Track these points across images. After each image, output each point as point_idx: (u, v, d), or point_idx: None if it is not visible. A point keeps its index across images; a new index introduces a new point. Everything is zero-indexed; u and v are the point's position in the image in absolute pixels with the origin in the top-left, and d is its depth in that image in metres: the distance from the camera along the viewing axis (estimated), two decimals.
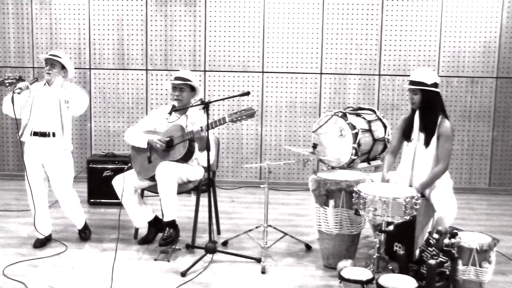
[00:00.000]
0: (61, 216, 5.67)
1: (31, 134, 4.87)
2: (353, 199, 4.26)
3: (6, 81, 5.32)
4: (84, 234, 5.25)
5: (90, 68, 7.12)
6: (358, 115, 5.33)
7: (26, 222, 5.67)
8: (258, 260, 4.65)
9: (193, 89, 5.07)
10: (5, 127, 7.33)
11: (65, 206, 5.11)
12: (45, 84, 4.94)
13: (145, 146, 4.93)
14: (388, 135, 5.34)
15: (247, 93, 4.70)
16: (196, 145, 4.85)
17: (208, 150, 4.54)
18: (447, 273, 3.98)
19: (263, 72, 7.03)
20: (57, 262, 4.70)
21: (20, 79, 5.27)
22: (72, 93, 4.91)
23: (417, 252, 4.33)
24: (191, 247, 4.93)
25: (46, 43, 7.14)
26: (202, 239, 5.02)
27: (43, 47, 7.13)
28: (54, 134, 4.88)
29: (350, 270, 3.92)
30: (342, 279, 3.81)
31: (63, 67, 4.97)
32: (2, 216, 5.87)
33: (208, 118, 4.55)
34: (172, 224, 4.80)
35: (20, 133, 4.90)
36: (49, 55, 4.97)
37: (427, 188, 4.46)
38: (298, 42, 6.96)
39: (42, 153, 4.92)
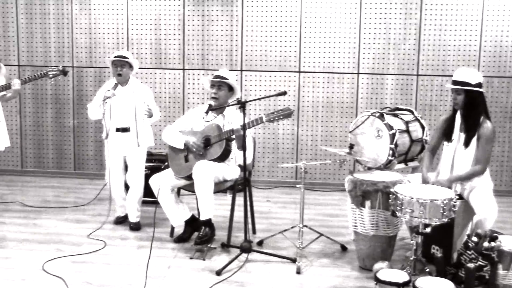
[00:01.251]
0: (97, 213, 5.78)
1: (115, 131, 5.43)
2: (389, 200, 4.23)
3: (50, 73, 5.52)
4: (134, 225, 5.51)
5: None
6: (396, 115, 5.29)
7: (66, 219, 5.79)
8: (293, 260, 4.66)
9: (231, 89, 5.10)
10: (41, 125, 7.49)
11: (131, 196, 5.53)
12: (116, 86, 5.39)
13: (181, 147, 4.99)
14: (426, 136, 5.29)
15: (284, 93, 4.71)
16: (234, 144, 4.88)
17: (245, 149, 4.56)
18: (487, 277, 3.92)
19: (299, 71, 7.03)
20: (95, 259, 4.79)
21: (64, 71, 5.49)
22: (148, 95, 5.54)
23: (455, 255, 4.27)
24: (226, 246, 4.96)
25: (85, 43, 7.27)
26: (238, 238, 5.05)
27: (82, 47, 7.26)
28: (131, 129, 5.42)
29: (386, 272, 3.90)
30: (378, 281, 3.78)
31: (130, 65, 5.45)
32: (42, 212, 6.01)
33: (244, 118, 4.57)
34: (208, 223, 4.84)
35: (105, 134, 5.44)
36: (116, 57, 5.38)
37: (455, 182, 4.39)
38: (335, 42, 6.93)
39: (124, 147, 5.46)
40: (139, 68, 7.12)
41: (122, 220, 5.66)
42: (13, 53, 7.36)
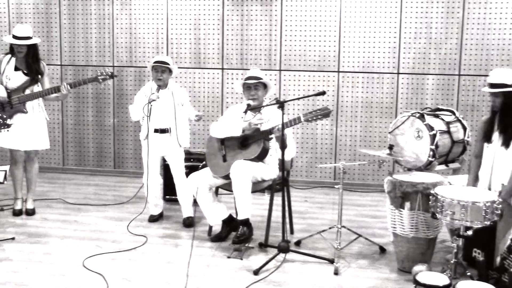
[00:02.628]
0: (136, 211, 5.85)
1: (154, 132, 5.54)
2: (430, 202, 4.17)
3: (99, 77, 5.64)
4: (188, 221, 5.60)
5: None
6: (436, 116, 5.21)
7: (105, 216, 5.88)
8: (331, 261, 4.64)
9: (265, 86, 5.12)
10: (82, 124, 7.62)
11: (182, 193, 5.63)
12: (159, 89, 5.52)
13: (239, 133, 4.99)
14: (468, 137, 5.20)
15: (323, 93, 4.69)
16: (273, 143, 4.89)
17: (284, 149, 4.56)
18: None
19: (338, 71, 6.99)
20: (134, 256, 4.85)
21: (113, 75, 5.62)
22: (186, 97, 5.68)
23: (498, 259, 4.19)
24: (264, 246, 4.96)
25: (125, 43, 7.37)
26: (275, 238, 5.05)
27: (123, 47, 7.36)
28: (171, 130, 5.53)
29: (426, 274, 3.84)
30: (417, 283, 3.73)
31: (169, 70, 5.56)
32: (83, 210, 6.12)
33: (283, 117, 4.57)
34: (246, 222, 4.86)
35: (144, 135, 5.58)
36: (156, 62, 5.50)
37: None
38: (375, 41, 6.86)
39: (163, 147, 5.57)
40: (179, 67, 7.20)
41: (156, 219, 5.74)
42: (56, 53, 7.51)
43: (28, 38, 5.60)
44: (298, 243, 5.08)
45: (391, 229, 4.58)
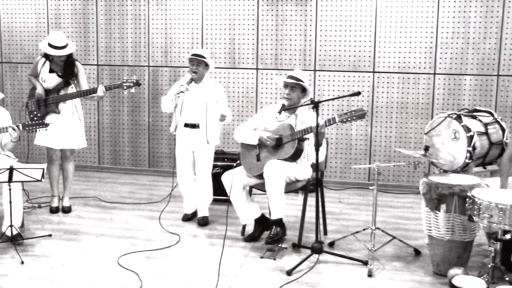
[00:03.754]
0: (171, 210, 5.90)
1: (184, 126, 5.55)
2: (466, 205, 4.11)
3: (124, 84, 5.72)
4: (202, 220, 5.64)
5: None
6: (474, 117, 5.13)
7: (139, 215, 5.94)
8: (365, 263, 4.60)
9: (304, 89, 5.09)
10: (118, 123, 7.72)
11: (200, 191, 5.66)
12: (191, 81, 5.50)
13: (255, 143, 5.03)
14: (507, 139, 5.10)
15: (358, 93, 4.66)
16: (306, 144, 4.87)
17: (318, 149, 4.54)
18: None
19: (374, 72, 6.93)
20: (167, 255, 4.89)
21: (137, 83, 5.69)
22: (221, 95, 5.59)
23: None
24: (297, 246, 4.95)
25: (161, 43, 7.43)
26: (309, 239, 5.04)
27: (158, 47, 7.43)
28: (200, 126, 5.51)
29: (462, 278, 3.79)
30: (453, 287, 3.68)
31: (206, 64, 5.54)
32: (118, 208, 6.19)
33: (317, 118, 4.55)
34: (279, 222, 4.85)
35: (173, 127, 5.59)
36: (193, 55, 5.49)
37: None
38: (411, 41, 6.79)
39: (193, 142, 5.56)
40: (214, 67, 7.25)
41: (190, 218, 5.76)
42: (93, 52, 7.62)
43: (64, 47, 5.67)
44: (331, 244, 5.06)
45: (426, 231, 4.52)
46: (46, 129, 5.24)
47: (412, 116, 6.90)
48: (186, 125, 5.54)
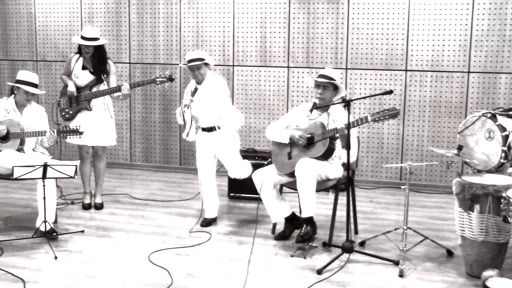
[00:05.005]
0: (201, 208, 5.92)
1: (202, 130, 5.51)
2: (501, 205, 4.04)
3: (157, 79, 5.77)
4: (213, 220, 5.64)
5: (233, 65, 7.36)
6: (510, 116, 5.04)
7: (170, 212, 5.99)
8: (396, 263, 4.56)
9: (335, 88, 5.07)
10: (149, 121, 7.78)
11: (232, 173, 5.69)
12: (196, 91, 5.43)
13: (286, 141, 5.02)
14: None
15: (390, 92, 4.63)
16: (339, 143, 4.85)
17: (349, 148, 4.52)
18: None
19: (406, 70, 6.86)
20: (198, 252, 4.92)
21: (170, 78, 5.72)
22: (221, 94, 5.43)
23: None
24: (328, 245, 4.94)
25: (192, 41, 7.47)
26: (339, 238, 5.01)
27: (190, 45, 7.47)
28: (218, 128, 5.45)
29: (497, 280, 3.73)
30: None
31: (205, 64, 5.43)
32: (149, 205, 6.25)
33: (349, 117, 4.53)
34: (310, 221, 4.84)
35: (185, 134, 5.54)
36: (189, 62, 5.39)
37: None
38: (444, 39, 6.70)
39: (213, 145, 5.50)
40: (245, 66, 7.27)
41: (209, 222, 5.60)
42: (125, 51, 7.70)
43: (95, 39, 5.78)
44: (362, 244, 5.03)
45: (459, 232, 4.46)
46: (80, 137, 5.32)
47: (445, 115, 6.81)
48: (204, 129, 5.52)
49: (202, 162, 5.60)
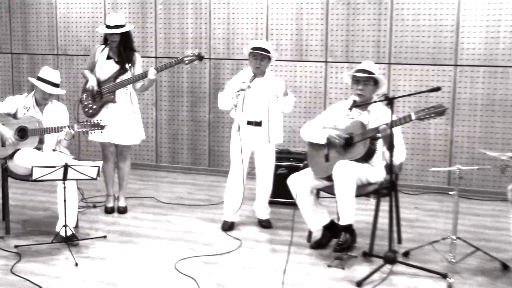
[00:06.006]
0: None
1: (246, 124, 5.52)
2: None
3: (185, 59, 5.79)
4: (266, 223, 5.69)
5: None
6: None
7: (199, 217, 6.00)
8: (444, 276, 4.49)
9: (376, 82, 5.03)
10: (176, 119, 7.82)
11: (261, 192, 5.68)
12: (254, 78, 5.45)
13: (323, 142, 4.98)
14: None
15: (437, 89, 4.58)
16: (379, 144, 4.80)
17: (392, 149, 4.47)
18: None
19: (456, 65, 6.77)
20: (228, 260, 4.92)
21: (200, 56, 5.72)
22: (281, 88, 5.52)
23: None
24: (368, 255, 4.89)
25: (222, 34, 7.48)
26: (381, 247, 4.96)
27: (220, 38, 7.49)
28: (263, 124, 5.48)
29: None
30: None
31: (269, 58, 5.50)
32: (176, 209, 6.27)
33: (392, 115, 4.48)
34: (349, 228, 4.80)
35: (237, 127, 5.52)
36: (256, 49, 5.47)
37: None
38: (499, 30, 6.59)
39: (254, 141, 5.54)
40: (279, 60, 7.25)
41: (230, 227, 5.65)
42: (151, 44, 7.76)
43: (121, 26, 5.84)
44: (406, 254, 4.97)
45: None
46: (101, 132, 5.36)
47: (499, 114, 6.69)
48: (250, 122, 5.53)
49: (237, 158, 5.56)
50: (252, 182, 5.88)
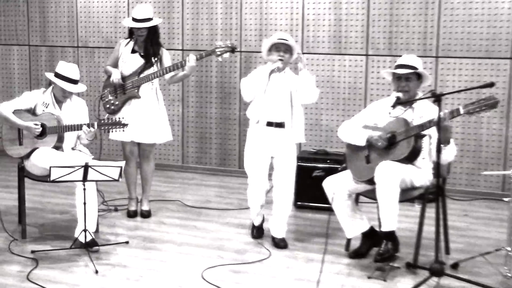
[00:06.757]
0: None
1: (265, 124, 5.32)
2: None
3: (217, 50, 5.82)
4: (280, 243, 5.44)
5: (302, 53, 7.29)
6: None
7: (228, 222, 6.03)
8: None
9: (419, 77, 5.00)
10: (204, 117, 7.84)
11: (278, 207, 5.44)
12: (274, 71, 5.26)
13: (363, 144, 4.96)
14: None
15: (491, 84, 4.53)
16: (426, 142, 4.75)
17: (440, 149, 4.43)
18: None
19: None
20: (259, 270, 4.93)
21: (232, 48, 5.74)
22: (303, 80, 5.28)
23: None
24: (412, 266, 4.86)
25: (254, 24, 7.49)
26: (426, 258, 4.93)
27: (252, 29, 7.50)
28: (286, 125, 5.31)
29: None
30: None
31: (289, 51, 5.32)
32: (203, 214, 6.30)
33: (439, 114, 4.44)
34: (391, 236, 4.77)
35: (256, 118, 5.33)
36: (279, 39, 5.33)
37: None
38: None
39: (274, 145, 5.34)
40: (316, 53, 7.24)
41: (260, 226, 5.64)
42: (177, 36, 7.80)
43: (149, 19, 5.87)
44: (455, 266, 4.92)
45: None
46: (123, 130, 5.39)
47: None
48: (270, 123, 5.34)
49: (257, 163, 5.41)
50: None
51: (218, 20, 7.64)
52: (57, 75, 5.42)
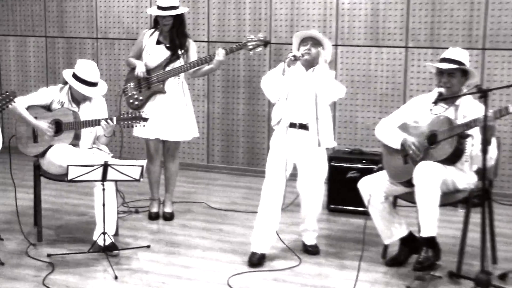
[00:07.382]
0: (293, 222, 5.91)
1: (288, 126, 5.20)
2: None
3: (249, 44, 5.83)
4: (312, 249, 5.44)
5: (336, 45, 7.31)
6: None
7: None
8: None
9: (465, 72, 4.95)
10: (231, 113, 7.85)
11: (307, 213, 5.40)
12: (290, 62, 5.11)
13: (397, 147, 4.92)
14: None
15: None
16: (469, 142, 4.71)
17: (485, 150, 4.39)
18: None
19: None
20: (288, 277, 4.93)
21: (265, 41, 5.74)
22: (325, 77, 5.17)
23: None
24: (455, 276, 4.82)
25: (285, 14, 7.49)
26: (471, 267, 4.91)
27: (282, 19, 7.50)
28: (310, 126, 5.19)
29: None
30: None
31: (318, 45, 5.23)
32: (229, 217, 6.32)
33: (486, 110, 4.39)
34: (431, 242, 4.73)
35: (277, 119, 5.24)
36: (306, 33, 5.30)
37: None
38: None
39: (297, 149, 5.23)
40: (351, 45, 7.21)
41: (260, 259, 5.21)
42: (203, 27, 7.83)
43: (174, 8, 5.90)
44: (503, 277, 4.86)
45: None
46: (144, 125, 5.40)
47: None
48: (293, 125, 5.22)
49: (276, 170, 5.24)
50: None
51: (246, 10, 7.64)
52: (76, 77, 5.44)
